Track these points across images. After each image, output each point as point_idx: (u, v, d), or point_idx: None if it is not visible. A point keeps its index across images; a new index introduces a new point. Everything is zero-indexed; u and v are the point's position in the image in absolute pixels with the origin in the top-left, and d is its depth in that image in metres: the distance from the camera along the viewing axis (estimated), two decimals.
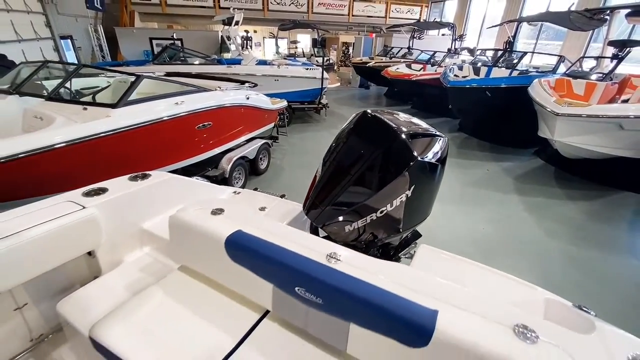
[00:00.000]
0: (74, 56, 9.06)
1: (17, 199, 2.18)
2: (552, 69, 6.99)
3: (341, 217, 1.67)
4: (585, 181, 5.19)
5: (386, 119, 1.54)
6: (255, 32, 8.52)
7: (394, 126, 1.49)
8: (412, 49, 12.79)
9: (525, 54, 7.90)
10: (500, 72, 7.47)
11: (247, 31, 8.31)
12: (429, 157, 1.53)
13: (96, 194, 1.45)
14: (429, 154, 1.54)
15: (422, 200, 1.65)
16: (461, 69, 8.39)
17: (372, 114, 1.58)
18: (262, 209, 1.89)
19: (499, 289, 1.31)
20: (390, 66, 10.21)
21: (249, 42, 8.29)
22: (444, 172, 1.72)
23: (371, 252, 1.68)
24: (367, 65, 11.80)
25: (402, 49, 13.36)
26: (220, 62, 7.36)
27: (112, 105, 2.79)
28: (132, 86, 2.96)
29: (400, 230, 1.70)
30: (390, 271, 1.03)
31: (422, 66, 9.98)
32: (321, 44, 16.08)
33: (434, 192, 1.74)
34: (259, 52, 17.78)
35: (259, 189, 2.30)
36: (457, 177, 5.39)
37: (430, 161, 1.53)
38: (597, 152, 4.39)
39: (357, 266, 1.02)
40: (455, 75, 7.80)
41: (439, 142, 1.61)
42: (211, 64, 7.11)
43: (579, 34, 9.80)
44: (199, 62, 7.08)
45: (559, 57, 7.16)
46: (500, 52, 8.57)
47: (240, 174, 4.60)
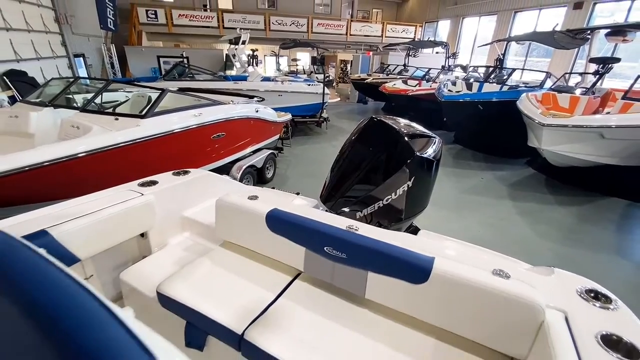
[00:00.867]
0: (85, 73, 9.49)
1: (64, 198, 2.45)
2: (539, 84, 7.45)
3: (352, 206, 1.96)
4: (574, 188, 5.50)
5: (389, 122, 1.86)
6: (257, 50, 9.00)
7: (396, 128, 1.80)
8: (408, 66, 13.35)
9: (514, 70, 8.38)
10: (491, 87, 7.91)
11: (253, 50, 8.77)
12: (426, 154, 1.84)
13: (149, 185, 1.73)
14: (426, 151, 1.85)
15: (420, 191, 1.94)
16: (455, 84, 8.84)
17: (378, 119, 1.90)
18: None
19: (488, 260, 1.59)
20: (387, 82, 10.70)
21: (255, 60, 8.75)
22: (438, 168, 2.03)
23: None
24: (365, 81, 12.32)
25: (398, 66, 13.93)
26: (226, 78, 7.77)
27: (141, 116, 3.11)
28: (158, 99, 3.28)
29: (402, 218, 1.98)
30: (398, 237, 1.31)
31: (417, 82, 10.46)
32: (320, 61, 16.73)
33: (431, 186, 2.03)
34: (260, 69, 18.40)
35: (275, 188, 2.59)
36: (453, 185, 5.69)
37: (427, 157, 1.84)
38: (582, 160, 4.73)
39: (372, 233, 1.30)
40: (449, 90, 8.23)
41: (434, 142, 1.93)
42: (218, 80, 7.51)
43: (565, 52, 10.39)
44: (207, 78, 7.48)
45: (546, 73, 7.64)
46: (491, 69, 9.06)
47: (249, 181, 4.88)
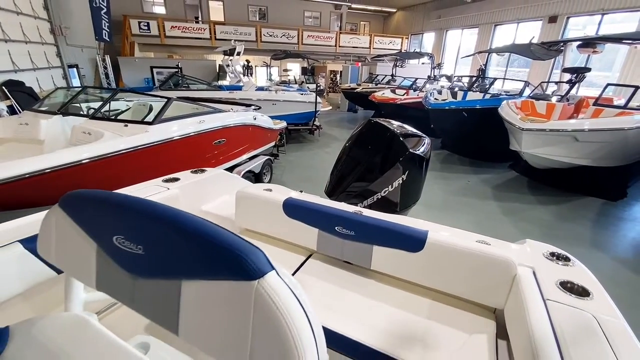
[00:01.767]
0: (78, 83, 9.56)
1: None
2: (519, 92, 7.94)
3: (353, 199, 2.19)
4: (553, 189, 5.88)
5: (385, 124, 2.11)
6: (250, 61, 9.30)
7: (391, 128, 2.05)
8: (396, 76, 13.85)
9: (495, 79, 8.89)
10: (474, 96, 8.37)
11: (248, 61, 9.04)
12: (419, 151, 2.09)
13: (172, 182, 1.92)
14: (418, 148, 2.11)
15: (413, 185, 2.19)
16: (440, 93, 9.28)
17: (375, 120, 2.15)
18: None
19: (472, 235, 1.84)
20: (376, 91, 11.12)
21: (249, 70, 9.02)
22: (429, 165, 2.29)
23: None
24: (355, 90, 12.73)
25: (386, 76, 14.42)
26: (221, 88, 7.99)
27: (149, 122, 3.30)
28: (164, 107, 3.48)
29: (397, 210, 2.22)
30: (396, 218, 1.54)
31: (405, 91, 10.90)
32: (311, 72, 17.15)
33: (422, 180, 2.29)
34: (252, 79, 18.73)
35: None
36: (441, 188, 6.00)
37: (419, 154, 2.10)
38: (559, 162, 5.10)
39: (374, 215, 1.53)
40: (435, 98, 8.64)
41: (424, 141, 2.19)
42: (214, 90, 7.72)
43: (543, 62, 11.03)
44: (202, 88, 7.68)
45: (524, 82, 8.15)
46: (474, 78, 9.56)
47: None
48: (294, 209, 1.59)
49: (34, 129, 3.31)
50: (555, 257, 1.30)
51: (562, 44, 7.15)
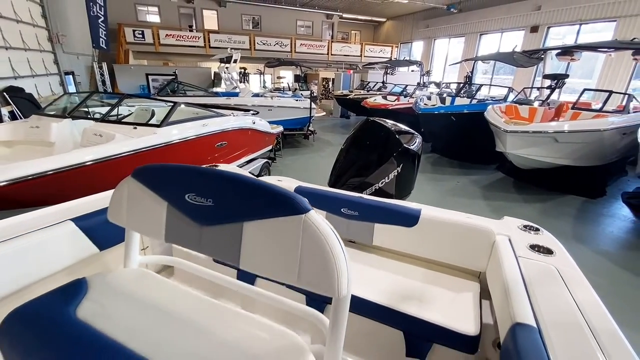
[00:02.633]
0: (74, 89, 9.65)
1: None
2: (503, 98, 8.35)
3: (354, 190, 2.41)
4: (537, 188, 6.21)
5: (381, 122, 2.35)
6: (246, 69, 9.54)
7: (387, 125, 2.29)
8: (386, 83, 14.25)
9: (481, 86, 9.32)
10: (462, 101, 8.76)
11: (244, 68, 9.27)
12: (412, 146, 2.33)
13: None
14: (410, 144, 2.35)
15: (407, 177, 2.43)
16: (430, 99, 9.66)
17: (372, 119, 2.39)
18: None
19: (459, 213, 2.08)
20: (368, 98, 11.47)
21: (246, 77, 9.26)
22: (420, 160, 2.53)
23: None
24: (347, 97, 13.07)
25: (377, 83, 14.81)
26: (217, 94, 8.19)
27: (157, 125, 3.48)
28: (171, 111, 3.67)
29: None
30: (393, 201, 1.77)
31: (396, 97, 11.27)
32: (303, 79, 17.49)
33: (415, 173, 2.53)
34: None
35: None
36: (432, 188, 6.27)
37: (412, 148, 2.34)
38: (541, 161, 5.43)
39: (376, 198, 1.76)
40: (425, 104, 9.00)
41: (416, 137, 2.43)
42: (210, 96, 7.92)
43: (526, 70, 11.57)
44: (199, 94, 7.87)
45: (508, 88, 8.59)
46: (461, 85, 9.99)
47: None
48: (305, 194, 1.80)
49: (44, 131, 3.45)
50: (528, 228, 1.54)
51: (542, 52, 7.59)
